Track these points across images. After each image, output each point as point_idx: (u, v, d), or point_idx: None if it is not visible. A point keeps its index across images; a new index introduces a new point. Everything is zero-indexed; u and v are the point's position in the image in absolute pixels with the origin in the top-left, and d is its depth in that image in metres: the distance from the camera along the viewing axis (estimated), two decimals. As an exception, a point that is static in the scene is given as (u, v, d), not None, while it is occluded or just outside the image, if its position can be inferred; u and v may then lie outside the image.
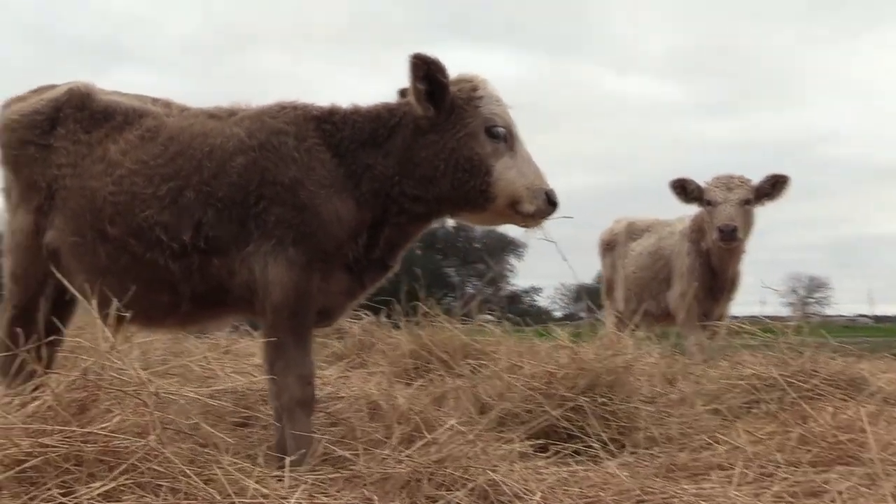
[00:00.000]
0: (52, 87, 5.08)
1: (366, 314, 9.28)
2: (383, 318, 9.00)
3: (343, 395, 5.59)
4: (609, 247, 10.74)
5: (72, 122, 4.84)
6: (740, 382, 6.41)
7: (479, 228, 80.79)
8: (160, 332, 5.60)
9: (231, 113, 4.76)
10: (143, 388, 3.44)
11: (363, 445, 4.27)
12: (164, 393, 3.54)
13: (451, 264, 79.20)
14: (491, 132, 4.51)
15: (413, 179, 4.56)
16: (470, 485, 3.83)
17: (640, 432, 5.45)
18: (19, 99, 5.11)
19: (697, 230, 9.02)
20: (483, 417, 5.56)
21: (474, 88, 4.60)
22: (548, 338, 7.00)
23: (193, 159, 4.56)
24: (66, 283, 4.28)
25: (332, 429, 4.93)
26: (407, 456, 3.98)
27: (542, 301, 74.64)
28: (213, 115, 4.77)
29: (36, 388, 3.70)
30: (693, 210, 9.11)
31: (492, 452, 4.23)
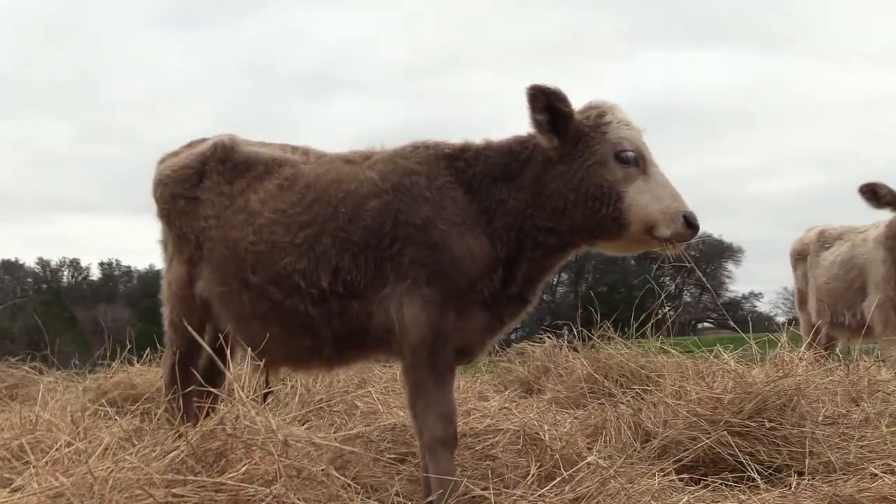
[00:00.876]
0: (203, 140, 5.35)
1: (549, 337, 9.29)
2: (564, 341, 8.96)
3: (502, 427, 5.57)
4: (800, 256, 10.28)
5: (216, 175, 5.08)
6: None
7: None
8: (307, 373, 5.79)
9: (366, 157, 4.87)
10: (272, 437, 3.56)
11: (503, 484, 4.26)
12: (294, 440, 3.63)
13: (666, 273, 77.86)
14: (620, 157, 4.43)
15: (545, 212, 4.53)
16: (605, 524, 3.77)
17: (812, 458, 5.19)
18: (173, 154, 5.42)
19: (893, 236, 8.51)
20: (645, 446, 5.50)
21: (601, 115, 4.54)
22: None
23: (329, 206, 4.68)
24: (196, 335, 4.51)
25: (482, 463, 4.92)
26: (540, 496, 3.94)
27: (762, 306, 72.02)
28: (348, 160, 4.90)
29: (178, 438, 3.91)
30: (888, 216, 8.59)
31: (633, 488, 4.14)
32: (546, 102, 4.44)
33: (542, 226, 4.55)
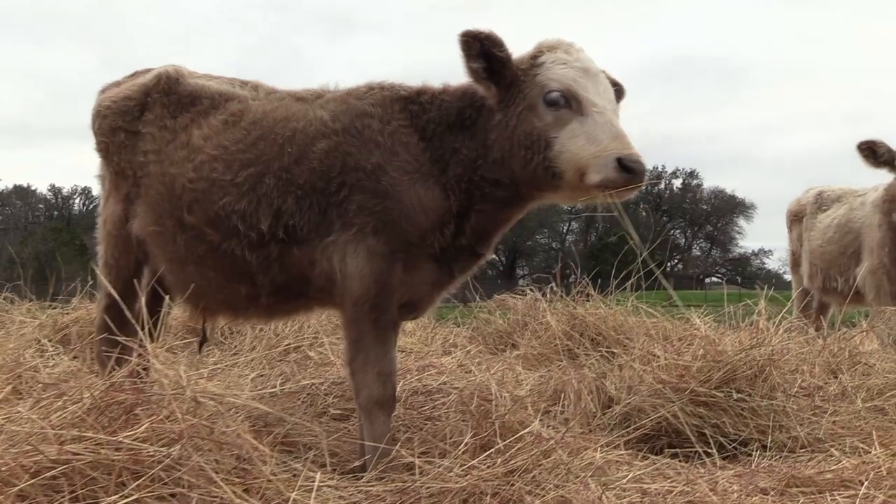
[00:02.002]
0: (147, 71, 5.03)
1: (531, 289, 9.02)
2: (547, 295, 8.68)
3: (458, 386, 5.31)
4: (796, 217, 9.95)
5: (159, 107, 4.77)
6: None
7: (706, 188, 79.19)
8: (246, 323, 5.54)
9: (318, 95, 4.57)
10: (180, 393, 3.31)
11: (437, 452, 4.02)
12: (205, 397, 3.37)
13: (677, 226, 77.83)
14: (547, 100, 4.08)
15: (490, 163, 4.25)
16: (537, 502, 3.52)
17: (781, 432, 4.94)
18: (114, 85, 5.10)
19: (891, 200, 8.17)
20: (606, 413, 5.26)
21: (536, 55, 4.20)
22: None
23: (275, 144, 4.40)
24: (102, 279, 4.23)
25: (425, 425, 4.69)
26: (470, 467, 3.68)
27: (772, 264, 71.76)
28: (299, 97, 4.60)
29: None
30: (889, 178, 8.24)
31: (574, 463, 3.88)
32: (480, 49, 4.13)
33: (488, 178, 4.26)
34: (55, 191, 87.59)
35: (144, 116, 4.80)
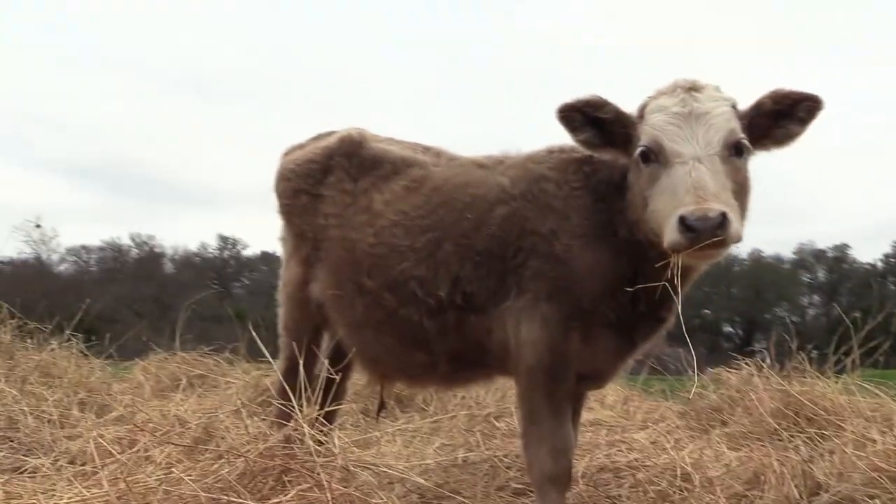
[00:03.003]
0: (330, 133, 5.07)
1: (746, 363, 8.51)
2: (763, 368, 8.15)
3: (650, 463, 5.01)
4: None
5: (341, 171, 4.80)
6: None
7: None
8: (424, 391, 5.43)
9: (499, 161, 4.50)
10: (332, 461, 3.24)
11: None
12: (358, 466, 3.29)
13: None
14: (641, 155, 3.75)
15: (634, 224, 3.95)
16: None
17: None
18: (298, 147, 5.17)
19: None
20: (812, 501, 4.81)
21: (644, 104, 3.88)
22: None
23: (455, 210, 4.34)
24: (258, 340, 4.22)
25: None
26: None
27: None
28: (480, 164, 4.53)
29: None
30: None
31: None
32: (584, 118, 3.89)
33: (642, 239, 3.91)
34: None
35: (327, 179, 4.84)
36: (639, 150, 3.75)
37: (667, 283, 3.64)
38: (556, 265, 4.05)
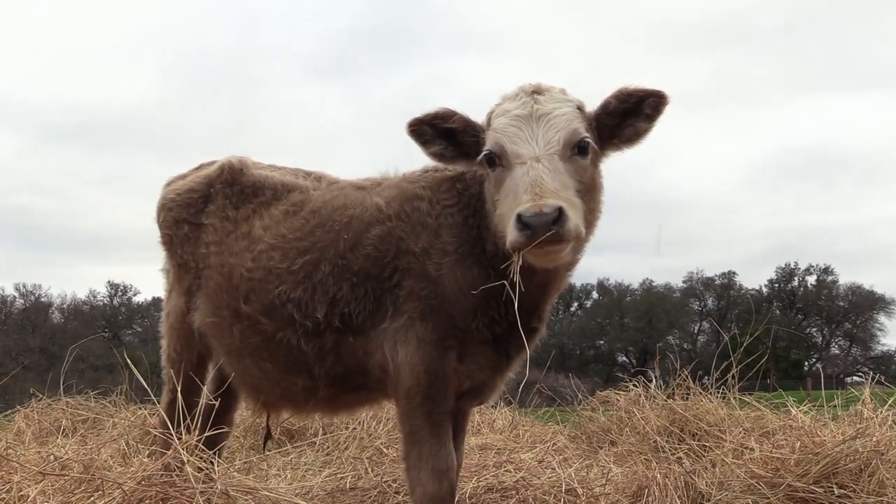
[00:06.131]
0: (212, 163, 5.03)
1: (634, 385, 8.67)
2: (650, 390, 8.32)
3: (537, 482, 5.04)
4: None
5: (222, 198, 4.76)
6: None
7: (842, 284, 76.37)
8: (307, 417, 5.38)
9: (377, 183, 4.50)
10: (212, 486, 3.19)
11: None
12: (238, 490, 3.23)
13: (813, 324, 75.03)
14: (486, 160, 3.78)
15: (493, 235, 3.96)
16: None
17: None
18: (180, 178, 5.11)
19: None
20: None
21: (492, 111, 3.89)
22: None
23: (332, 232, 4.32)
24: (137, 374, 4.16)
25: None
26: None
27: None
28: (359, 186, 4.53)
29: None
30: None
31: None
32: (431, 132, 3.94)
33: (502, 248, 3.77)
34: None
35: (207, 208, 4.79)
36: (483, 154, 3.76)
37: (506, 283, 3.65)
38: (429, 284, 4.05)
